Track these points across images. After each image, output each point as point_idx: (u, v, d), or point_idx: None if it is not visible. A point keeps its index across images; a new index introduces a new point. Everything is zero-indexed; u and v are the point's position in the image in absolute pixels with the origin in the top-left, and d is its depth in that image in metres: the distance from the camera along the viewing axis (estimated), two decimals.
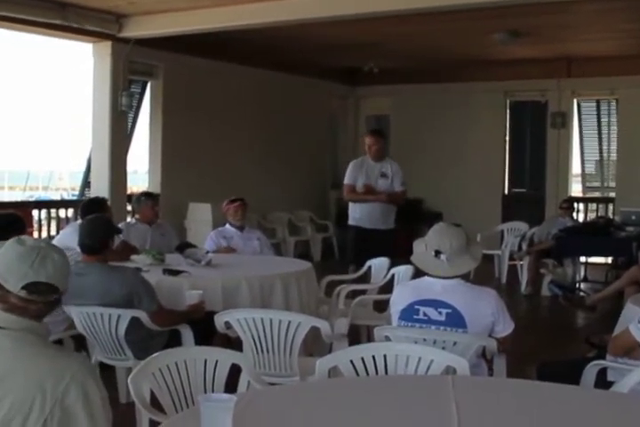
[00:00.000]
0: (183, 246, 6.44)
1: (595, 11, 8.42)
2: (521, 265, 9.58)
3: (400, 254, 6.23)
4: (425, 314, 3.61)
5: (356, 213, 7.69)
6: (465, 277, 3.74)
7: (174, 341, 4.50)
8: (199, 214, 10.09)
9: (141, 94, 10.34)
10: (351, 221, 7.76)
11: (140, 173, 15.11)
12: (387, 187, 7.59)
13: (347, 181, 7.72)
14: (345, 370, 3.09)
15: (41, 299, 2.16)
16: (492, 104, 12.55)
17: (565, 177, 12.33)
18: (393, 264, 6.08)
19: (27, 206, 9.22)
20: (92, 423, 2.07)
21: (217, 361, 3.02)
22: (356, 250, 7.62)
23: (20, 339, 2.12)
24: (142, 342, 4.48)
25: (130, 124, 10.05)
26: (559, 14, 8.53)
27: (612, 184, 12.21)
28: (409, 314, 3.65)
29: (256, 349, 4.06)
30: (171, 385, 2.90)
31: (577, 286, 9.32)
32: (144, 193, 7.59)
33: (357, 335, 5.60)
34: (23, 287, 2.13)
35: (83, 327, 4.50)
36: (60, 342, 4.68)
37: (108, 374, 4.70)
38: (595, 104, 12.30)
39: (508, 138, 12.84)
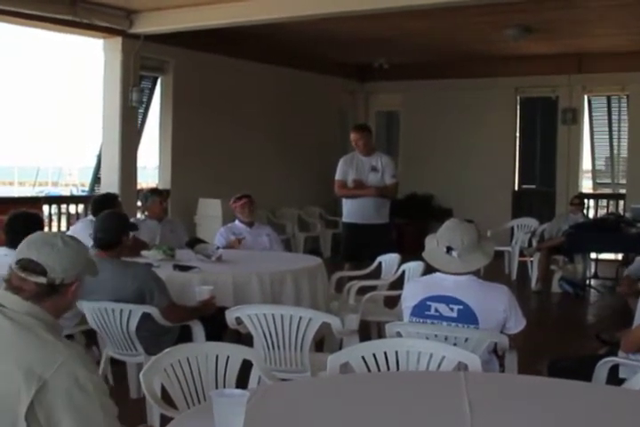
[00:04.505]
0: (193, 242, 6.42)
1: (606, 6, 8.39)
2: (531, 262, 9.55)
3: (403, 249, 6.20)
4: (436, 310, 3.60)
5: (349, 209, 7.63)
6: (475, 273, 3.73)
7: (185, 336, 4.50)
8: (209, 210, 10.11)
9: (152, 90, 10.35)
10: (344, 218, 7.72)
11: (150, 169, 15.10)
12: (378, 181, 7.48)
13: (337, 177, 7.67)
14: (356, 366, 3.08)
15: (30, 278, 2.23)
16: (502, 100, 12.51)
17: (576, 173, 12.31)
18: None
19: (37, 202, 9.24)
20: (80, 410, 2.08)
21: (228, 357, 3.01)
22: (350, 247, 7.60)
23: (20, 321, 2.17)
24: (153, 337, 4.48)
25: (140, 119, 10.07)
26: (571, 10, 8.51)
27: (623, 181, 12.17)
28: (420, 310, 3.64)
29: (267, 344, 4.06)
30: (182, 381, 2.90)
31: (587, 282, 9.29)
32: (151, 190, 7.59)
33: (368, 331, 5.60)
34: (17, 262, 2.26)
35: (94, 323, 4.51)
36: (70, 337, 4.70)
37: (118, 369, 4.72)
38: (605, 100, 12.26)
39: (518, 134, 12.80)
